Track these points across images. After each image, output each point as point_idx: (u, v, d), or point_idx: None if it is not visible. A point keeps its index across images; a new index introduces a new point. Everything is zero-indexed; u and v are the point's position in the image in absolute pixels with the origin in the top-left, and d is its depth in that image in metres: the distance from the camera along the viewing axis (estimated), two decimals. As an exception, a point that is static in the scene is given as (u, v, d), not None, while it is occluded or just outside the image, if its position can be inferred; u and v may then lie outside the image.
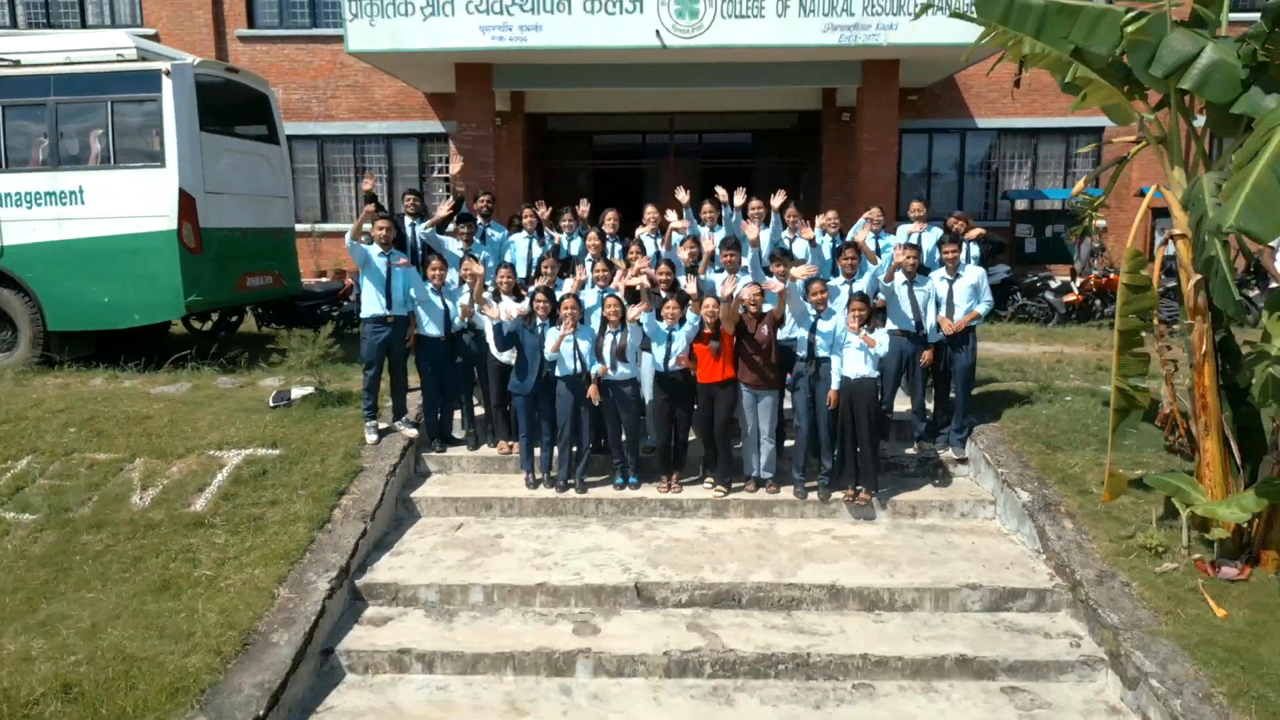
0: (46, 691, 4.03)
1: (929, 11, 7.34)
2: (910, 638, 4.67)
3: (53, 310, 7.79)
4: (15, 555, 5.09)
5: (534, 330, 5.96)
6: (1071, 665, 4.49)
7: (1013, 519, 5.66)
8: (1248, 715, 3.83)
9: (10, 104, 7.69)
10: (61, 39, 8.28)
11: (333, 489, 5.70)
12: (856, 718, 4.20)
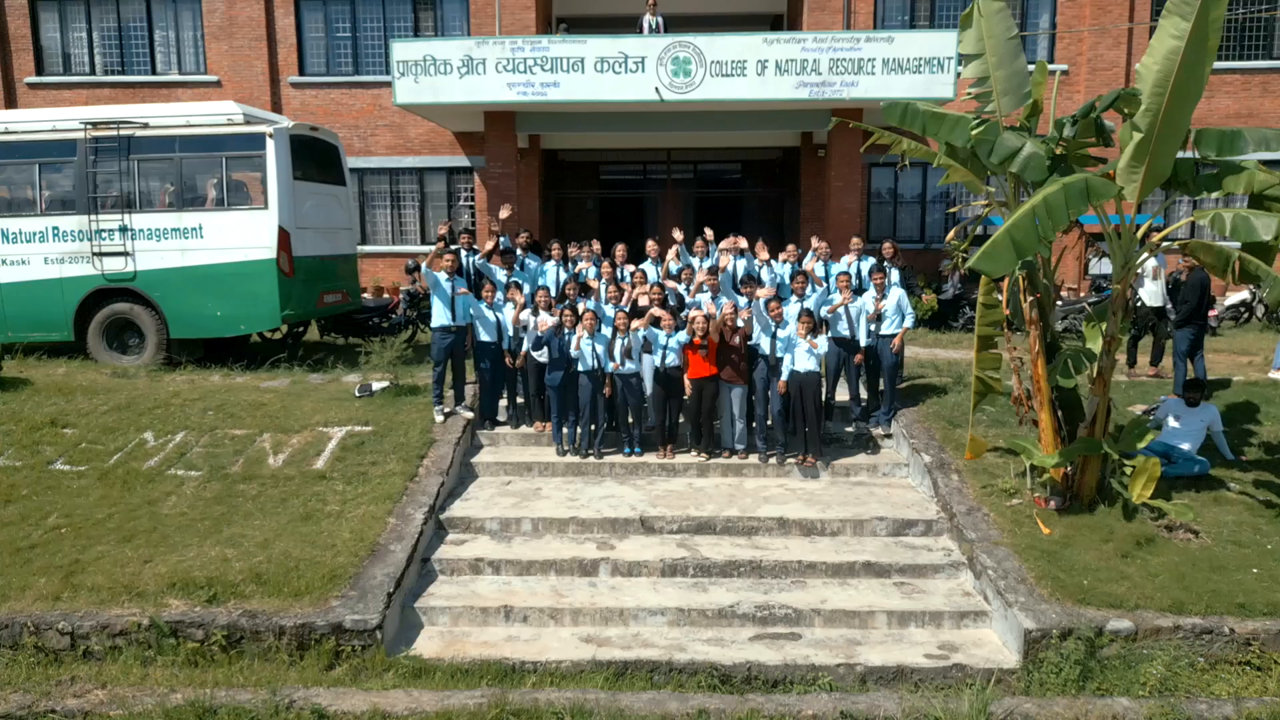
0: (245, 579, 6.06)
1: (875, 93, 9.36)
2: (833, 552, 6.69)
3: (175, 321, 9.83)
4: (193, 499, 7.12)
5: (563, 337, 7.99)
6: (943, 568, 6.51)
7: (918, 475, 7.68)
8: (1045, 588, 5.86)
9: (143, 158, 9.75)
10: (182, 107, 10.34)
11: (415, 454, 7.72)
12: (790, 599, 6.21)
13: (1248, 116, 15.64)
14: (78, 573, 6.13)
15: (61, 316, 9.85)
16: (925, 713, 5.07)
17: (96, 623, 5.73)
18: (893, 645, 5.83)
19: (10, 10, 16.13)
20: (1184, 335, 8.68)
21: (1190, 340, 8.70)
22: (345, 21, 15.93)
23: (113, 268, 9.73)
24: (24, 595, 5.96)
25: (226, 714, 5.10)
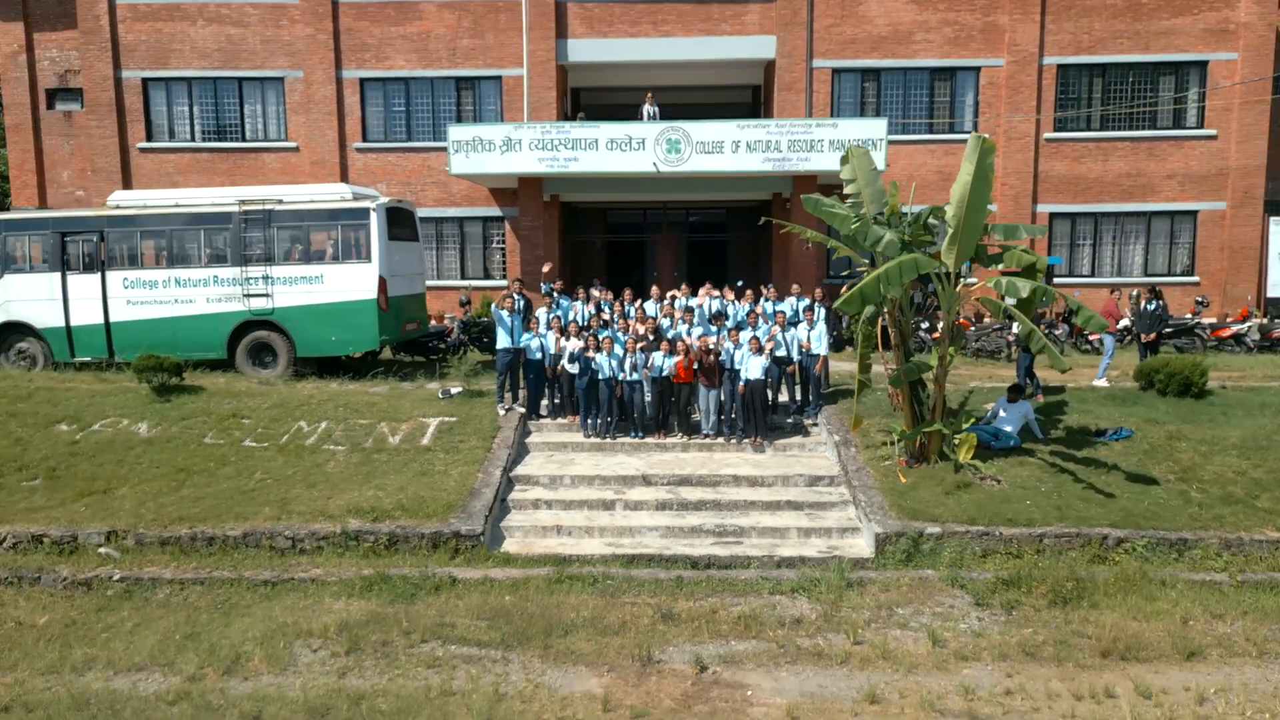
0: (393, 507, 9.75)
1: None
2: (768, 495, 10.38)
3: (301, 344, 13.56)
4: (345, 463, 10.81)
5: (588, 355, 11.69)
6: (836, 504, 10.20)
7: (830, 450, 11.37)
8: (894, 513, 9.56)
9: (280, 225, 13.52)
10: (307, 188, 14.14)
11: (488, 435, 11.42)
12: (737, 521, 9.90)
13: (1136, 175, 19.46)
14: (287, 505, 9.82)
15: (218, 341, 13.59)
16: (810, 577, 8.77)
17: (307, 532, 9.41)
18: (799, 547, 9.51)
19: (126, 87, 19.99)
20: (1024, 356, 12.36)
21: (1029, 360, 12.38)
22: (400, 99, 19.79)
23: (257, 305, 13.48)
24: (256, 517, 9.65)
25: (397, 580, 8.77)
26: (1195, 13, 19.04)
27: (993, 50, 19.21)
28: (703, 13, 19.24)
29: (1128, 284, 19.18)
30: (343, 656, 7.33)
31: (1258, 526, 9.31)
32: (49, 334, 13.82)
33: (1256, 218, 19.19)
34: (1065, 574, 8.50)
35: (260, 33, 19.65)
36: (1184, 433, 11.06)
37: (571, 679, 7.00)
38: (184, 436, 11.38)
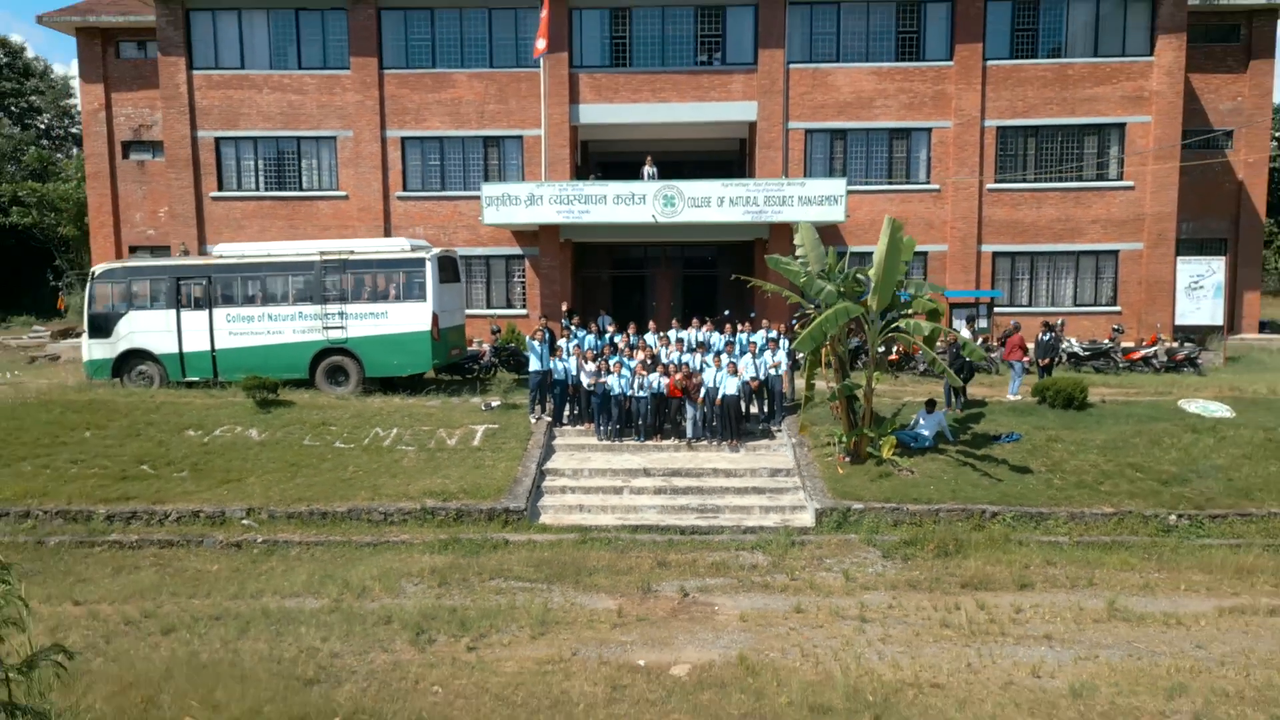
0: (457, 490, 13.18)
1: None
2: (739, 483, 13.80)
3: (369, 367, 17.00)
4: (416, 459, 14.23)
5: (602, 375, 15.11)
6: (790, 489, 13.62)
7: (789, 450, 14.79)
8: (832, 494, 12.98)
9: (355, 273, 16.99)
10: (374, 241, 17.64)
11: (524, 438, 14.85)
12: (715, 502, 13.31)
13: (1065, 220, 22.94)
14: (377, 490, 13.23)
15: (302, 364, 17.03)
16: (766, 539, 12.17)
17: (394, 509, 12.82)
18: (760, 519, 12.91)
19: (201, 145, 23.52)
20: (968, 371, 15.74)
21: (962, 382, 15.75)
22: (435, 156, 23.32)
23: (333, 335, 16.94)
24: (355, 498, 13.06)
25: (466, 541, 12.16)
26: (1114, 82, 22.60)
27: (942, 114, 22.75)
28: (694, 82, 22.80)
29: (1059, 313, 22.67)
30: (436, 588, 10.73)
31: (1097, 504, 12.71)
32: (165, 358, 17.26)
33: (1169, 256, 22.66)
34: (949, 536, 11.92)
35: (317, 99, 23.21)
36: (1061, 436, 14.49)
37: (595, 600, 10.40)
38: (287, 440, 14.82)
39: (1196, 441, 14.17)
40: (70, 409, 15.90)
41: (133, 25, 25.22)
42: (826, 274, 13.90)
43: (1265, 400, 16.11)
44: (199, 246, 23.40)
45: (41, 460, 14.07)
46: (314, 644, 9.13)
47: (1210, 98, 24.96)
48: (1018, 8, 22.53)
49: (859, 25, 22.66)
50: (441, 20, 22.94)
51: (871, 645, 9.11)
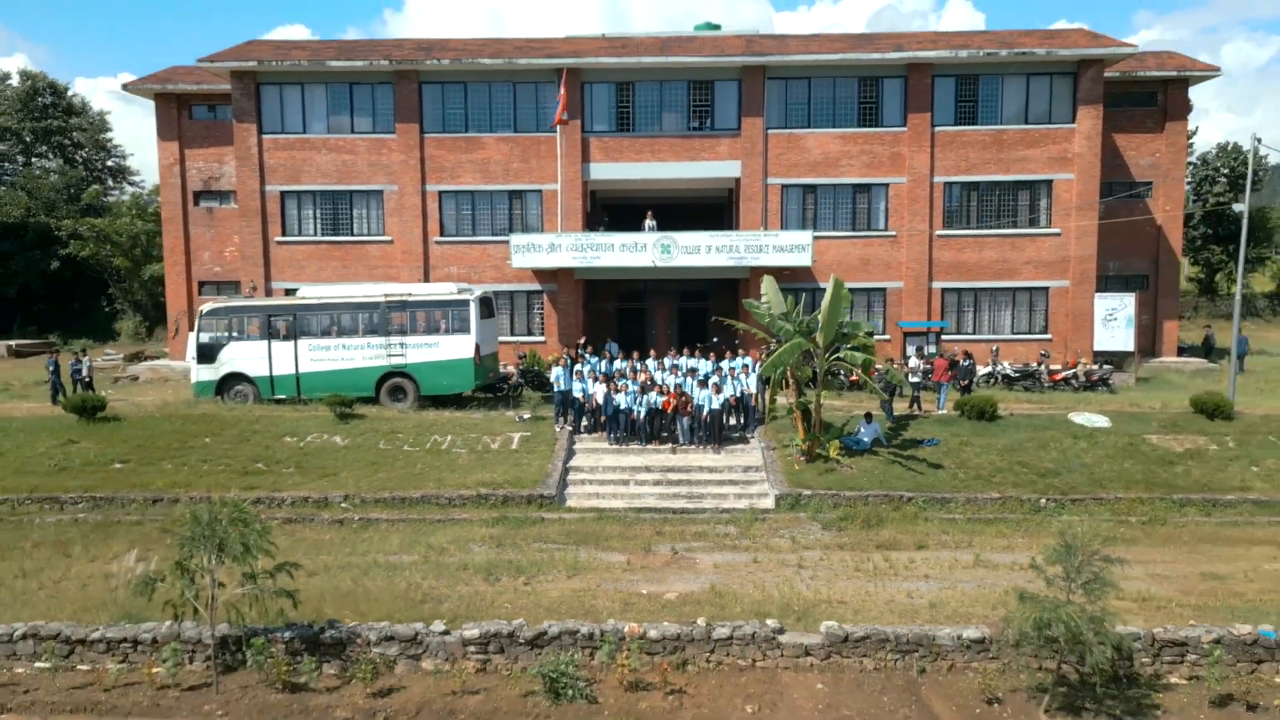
0: (503, 482, 17.46)
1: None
2: (719, 476, 18.06)
3: (424, 386, 21.30)
4: (468, 459, 18.48)
5: (612, 394, 19.39)
6: (758, 482, 17.88)
7: (759, 452, 19.04)
8: (788, 484, 17.25)
9: (412, 311, 21.33)
10: (428, 286, 22.01)
11: (551, 443, 19.12)
12: (699, 491, 17.57)
13: (1002, 261, 27.26)
14: (441, 481, 17.47)
15: (369, 385, 21.32)
16: (736, 517, 16.41)
17: (456, 495, 17.06)
18: (734, 503, 17.14)
19: (269, 197, 27.90)
20: (892, 392, 20.00)
21: (890, 397, 20.02)
22: (467, 206, 27.71)
23: (395, 361, 21.23)
24: (425, 488, 17.30)
25: (512, 518, 16.38)
26: (1042, 145, 27.01)
27: (897, 172, 27.14)
28: (687, 144, 27.22)
29: (997, 340, 26.97)
30: (495, 548, 14.94)
31: (988, 491, 16.95)
32: (258, 380, 21.55)
33: (1089, 292, 26.97)
34: (873, 514, 16.14)
35: (367, 159, 27.64)
36: (971, 441, 18.74)
37: (610, 556, 14.61)
38: (366, 444, 19.08)
39: (1074, 445, 18.42)
40: (188, 421, 20.18)
41: (204, 92, 29.74)
42: (786, 316, 18.20)
43: (1143, 414, 20.38)
44: (265, 284, 27.77)
45: (178, 460, 18.33)
46: (416, 581, 13.33)
47: (1132, 154, 29.41)
48: (960, 83, 26.98)
49: (827, 97, 27.12)
50: (473, 92, 27.41)
51: (803, 581, 13.33)
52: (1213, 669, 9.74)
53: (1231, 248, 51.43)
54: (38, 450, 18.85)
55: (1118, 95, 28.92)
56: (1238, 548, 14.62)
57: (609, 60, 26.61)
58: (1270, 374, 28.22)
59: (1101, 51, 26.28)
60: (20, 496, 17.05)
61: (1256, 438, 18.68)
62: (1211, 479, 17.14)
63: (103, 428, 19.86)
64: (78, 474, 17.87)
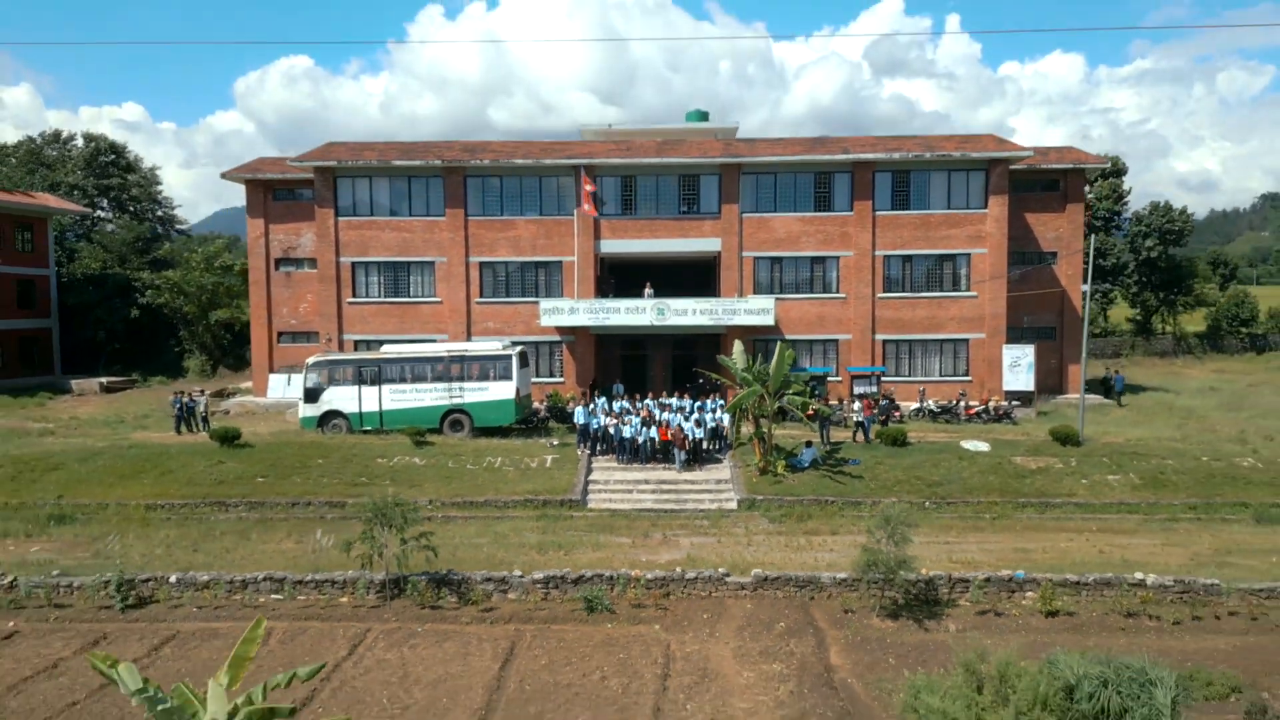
0: (542, 490, 24.51)
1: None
2: (698, 487, 25.12)
3: (476, 420, 28.41)
4: (514, 474, 25.53)
5: (620, 426, 26.46)
6: (727, 491, 24.93)
7: (729, 469, 26.08)
8: (748, 491, 24.33)
9: (468, 364, 28.49)
10: (479, 344, 29.19)
11: (575, 462, 26.18)
12: (685, 498, 24.61)
13: (931, 318, 34.43)
14: (498, 489, 24.51)
15: (435, 419, 28.43)
16: (709, 515, 23.46)
17: (509, 500, 24.09)
18: (707, 505, 24.17)
19: (342, 266, 35.15)
20: (824, 426, 27.04)
21: (826, 428, 27.07)
22: (503, 274, 34.96)
23: (454, 401, 28.36)
24: (486, 494, 24.34)
25: (549, 515, 23.38)
26: (961, 226, 34.28)
27: (846, 247, 34.39)
28: (678, 224, 34.50)
29: (926, 382, 34.06)
30: (540, 534, 21.92)
31: (890, 496, 23.93)
32: (350, 416, 28.65)
33: (1000, 343, 34.10)
34: (805, 512, 23.16)
35: (422, 236, 34.94)
36: (885, 461, 25.78)
37: (620, 539, 21.60)
38: (438, 464, 26.12)
39: (958, 464, 25.46)
40: (302, 447, 27.25)
41: (285, 179, 37.12)
42: (747, 369, 25.32)
43: (1016, 441, 27.44)
44: (339, 336, 34.98)
45: (303, 475, 25.37)
46: (493, 553, 20.32)
47: (1040, 230, 36.73)
48: (895, 177, 34.33)
49: (789, 187, 34.47)
50: (507, 184, 34.80)
51: (748, 552, 20.31)
52: (977, 593, 16.77)
53: (1162, 294, 58.94)
54: (197, 469, 25.88)
55: (1027, 181, 36.33)
56: (1050, 534, 21.62)
57: (615, 160, 34.01)
58: (1149, 409, 35.33)
59: (1005, 154, 33.66)
60: (196, 501, 24.09)
61: (1092, 459, 25.73)
62: (1050, 488, 24.18)
63: (240, 452, 26.92)
64: (232, 485, 24.90)
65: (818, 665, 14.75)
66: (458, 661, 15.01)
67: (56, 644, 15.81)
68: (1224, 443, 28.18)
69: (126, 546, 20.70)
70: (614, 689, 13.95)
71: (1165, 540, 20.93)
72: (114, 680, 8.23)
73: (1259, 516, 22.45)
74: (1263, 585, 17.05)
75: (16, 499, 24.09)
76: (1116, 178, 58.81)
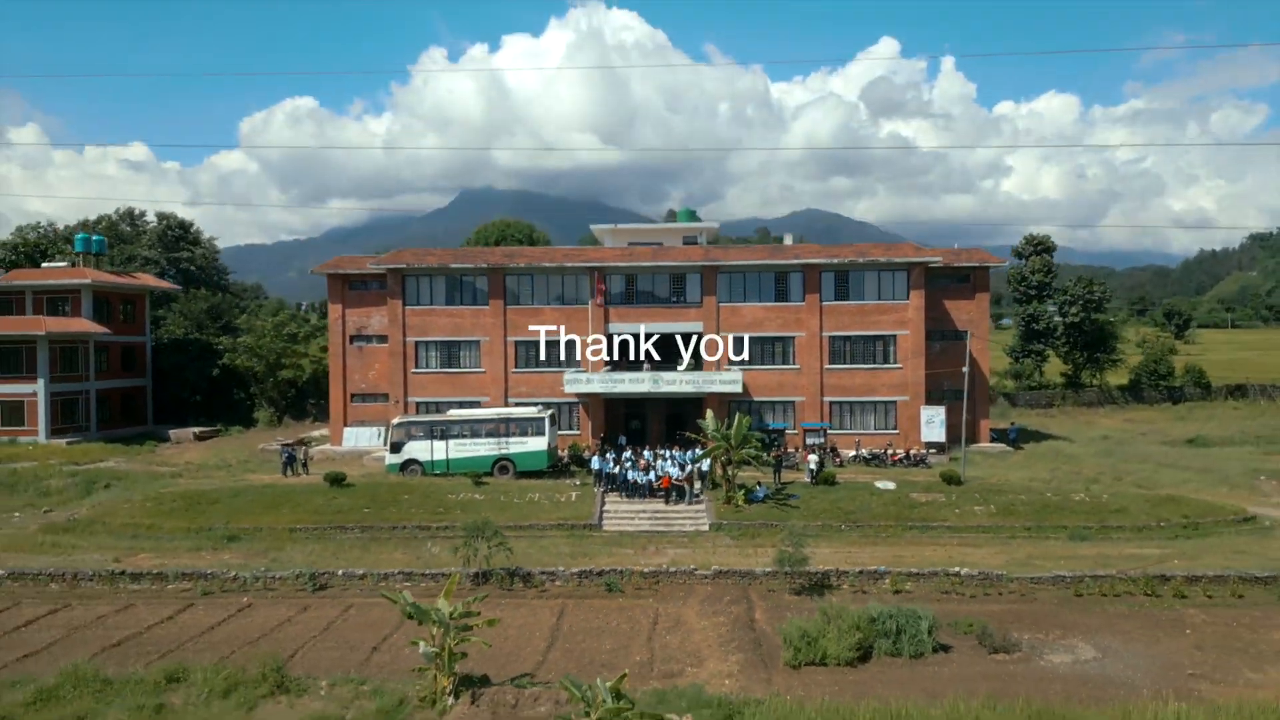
0: (569, 518, 34.75)
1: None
2: (682, 515, 35.31)
3: (518, 466, 38.70)
4: (548, 505, 35.75)
5: (624, 470, 36.70)
6: (703, 518, 35.15)
7: (705, 503, 36.29)
8: (717, 519, 34.60)
9: (512, 423, 38.86)
10: (521, 410, 39.57)
11: (592, 498, 36.34)
12: (672, 522, 34.84)
13: (867, 384, 44.80)
14: (538, 516, 34.66)
15: (487, 465, 38.67)
16: (689, 534, 33.68)
17: (546, 524, 34.22)
18: (688, 528, 34.34)
19: (408, 345, 45.62)
20: (776, 467, 37.22)
21: (778, 470, 37.26)
22: (534, 350, 45.43)
23: (502, 452, 38.64)
24: (530, 519, 34.50)
25: (577, 535, 33.58)
26: (889, 314, 44.79)
27: (800, 329, 44.88)
28: (669, 311, 45.03)
29: (863, 435, 44.37)
30: (570, 546, 32.04)
31: (818, 520, 34.09)
32: (424, 463, 38.91)
33: (919, 404, 44.42)
34: (756, 532, 33.30)
35: (470, 321, 45.46)
36: (818, 496, 35.97)
37: (625, 550, 31.67)
38: (493, 498, 36.29)
39: (869, 498, 35.64)
40: (392, 487, 37.45)
41: (359, 273, 47.78)
42: (716, 431, 35.63)
43: (915, 482, 37.64)
44: (404, 398, 45.37)
45: (396, 507, 35.53)
46: (539, 557, 30.46)
47: (955, 313, 47.29)
48: (837, 276, 44.94)
49: (755, 283, 45.07)
50: (537, 280, 45.44)
51: (713, 557, 30.37)
52: (853, 580, 26.98)
53: (1088, 353, 69.46)
54: (318, 502, 36.06)
55: (944, 274, 46.94)
56: (922, 546, 31.74)
57: (620, 263, 44.65)
58: (1041, 455, 45.61)
59: (920, 259, 44.30)
60: (322, 525, 34.26)
61: (967, 495, 35.92)
62: (930, 515, 34.34)
63: (346, 490, 37.10)
64: (346, 514, 35.07)
65: (746, 618, 24.92)
66: (530, 617, 25.18)
67: (282, 609, 25.98)
68: (1078, 481, 38.46)
69: (291, 555, 30.90)
70: (624, 630, 24.11)
71: (998, 550, 31.11)
72: (395, 600, 18.62)
73: (1072, 535, 32.60)
74: (1035, 575, 27.24)
75: (195, 524, 34.29)
76: (1048, 254, 69.66)
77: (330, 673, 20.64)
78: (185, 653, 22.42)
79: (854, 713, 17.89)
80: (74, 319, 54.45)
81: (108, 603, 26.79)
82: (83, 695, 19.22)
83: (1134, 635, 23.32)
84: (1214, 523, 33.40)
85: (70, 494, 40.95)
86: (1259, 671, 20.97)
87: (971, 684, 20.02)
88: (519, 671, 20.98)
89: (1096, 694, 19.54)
